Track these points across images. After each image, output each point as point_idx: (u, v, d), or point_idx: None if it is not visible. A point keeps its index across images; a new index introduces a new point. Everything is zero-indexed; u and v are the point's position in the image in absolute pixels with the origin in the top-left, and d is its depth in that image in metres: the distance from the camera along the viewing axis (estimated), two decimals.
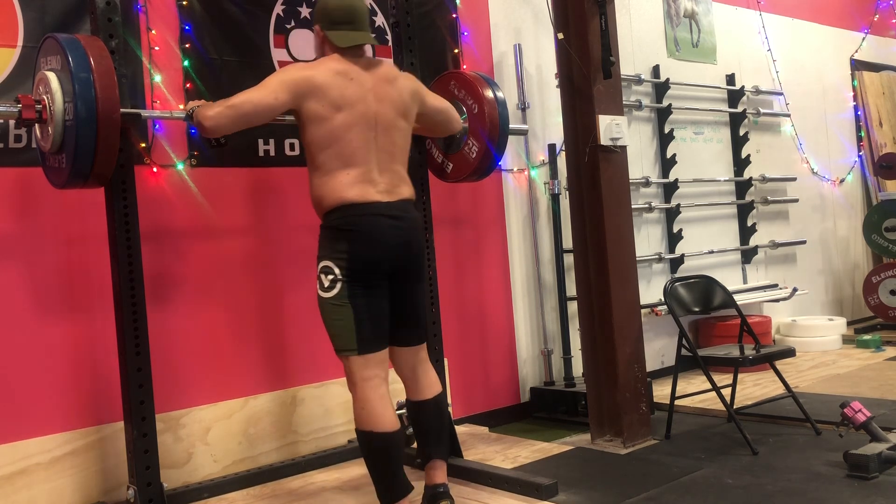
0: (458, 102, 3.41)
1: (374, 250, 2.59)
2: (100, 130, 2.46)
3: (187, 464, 3.33)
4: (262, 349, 3.61)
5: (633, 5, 5.24)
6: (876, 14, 7.30)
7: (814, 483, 2.99)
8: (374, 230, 2.59)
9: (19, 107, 2.55)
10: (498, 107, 3.37)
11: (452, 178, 3.55)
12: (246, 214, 3.62)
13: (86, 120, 2.44)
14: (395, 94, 2.75)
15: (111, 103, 2.49)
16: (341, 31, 2.72)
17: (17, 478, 2.96)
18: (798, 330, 5.82)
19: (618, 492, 3.05)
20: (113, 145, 2.53)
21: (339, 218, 2.60)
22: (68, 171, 2.53)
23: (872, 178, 6.97)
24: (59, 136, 2.52)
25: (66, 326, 3.13)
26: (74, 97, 2.44)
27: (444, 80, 3.54)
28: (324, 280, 2.60)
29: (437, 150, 3.56)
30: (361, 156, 2.62)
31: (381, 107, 2.69)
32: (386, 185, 2.66)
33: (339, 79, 2.62)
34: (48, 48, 2.61)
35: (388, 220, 2.62)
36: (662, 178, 5.29)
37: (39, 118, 2.56)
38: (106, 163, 2.54)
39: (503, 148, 3.46)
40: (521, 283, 4.55)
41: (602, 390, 3.73)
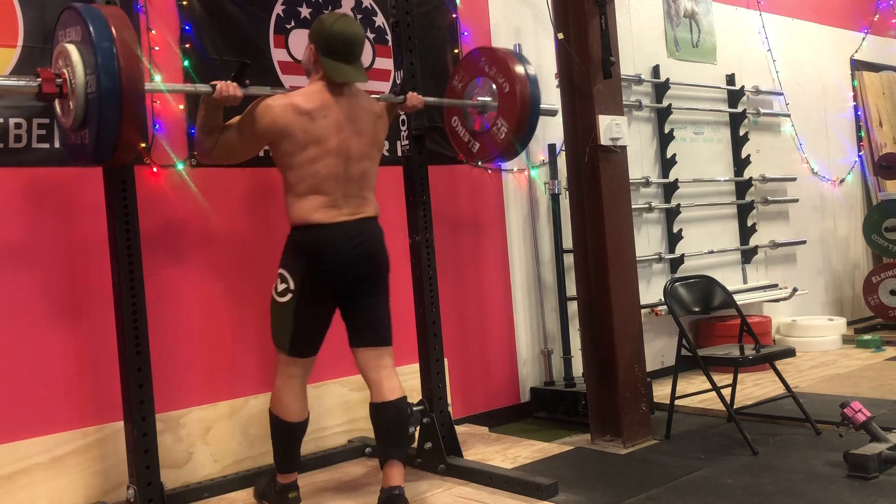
0: (487, 80, 3.33)
1: (330, 270, 2.82)
2: (124, 103, 2.35)
3: (187, 464, 3.33)
4: (263, 349, 3.60)
5: (633, 5, 5.24)
6: (876, 14, 7.30)
7: (814, 483, 2.99)
8: (332, 249, 2.80)
9: (39, 81, 2.41)
10: (530, 84, 3.30)
11: (478, 158, 3.52)
12: (246, 214, 3.62)
13: (109, 92, 2.32)
14: (370, 127, 2.94)
15: (136, 74, 2.38)
16: (336, 62, 2.83)
17: (18, 478, 2.96)
18: (798, 330, 5.83)
19: (618, 492, 3.05)
20: (138, 118, 2.44)
21: (302, 236, 2.83)
22: (92, 147, 2.41)
23: (872, 178, 6.97)
24: (81, 110, 2.40)
25: (67, 326, 3.13)
26: (97, 69, 2.33)
27: (472, 57, 3.51)
28: (279, 284, 2.87)
29: (463, 129, 3.53)
30: (329, 185, 2.81)
31: (355, 140, 2.87)
32: (350, 209, 2.85)
33: (306, 120, 2.76)
34: (67, 20, 2.50)
35: (347, 238, 2.82)
36: (662, 178, 5.29)
37: (60, 93, 2.43)
38: (131, 138, 2.44)
39: (534, 128, 3.42)
40: (521, 283, 4.55)
41: (602, 390, 3.73)
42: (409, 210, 3.51)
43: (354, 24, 2.91)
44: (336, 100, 2.84)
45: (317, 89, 2.85)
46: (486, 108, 3.52)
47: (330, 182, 2.81)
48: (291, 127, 2.75)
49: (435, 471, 3.35)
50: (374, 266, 2.92)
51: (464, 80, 3.62)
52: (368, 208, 2.92)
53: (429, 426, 3.40)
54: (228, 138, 2.83)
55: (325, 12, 3.85)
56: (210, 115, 2.79)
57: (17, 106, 3.04)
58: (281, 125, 2.75)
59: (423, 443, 3.40)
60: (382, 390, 2.91)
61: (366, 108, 2.96)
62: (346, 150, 2.84)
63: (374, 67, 4.01)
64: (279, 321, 2.87)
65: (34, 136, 3.08)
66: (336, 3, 3.91)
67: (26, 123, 3.06)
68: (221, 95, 2.72)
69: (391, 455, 2.90)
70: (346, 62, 2.85)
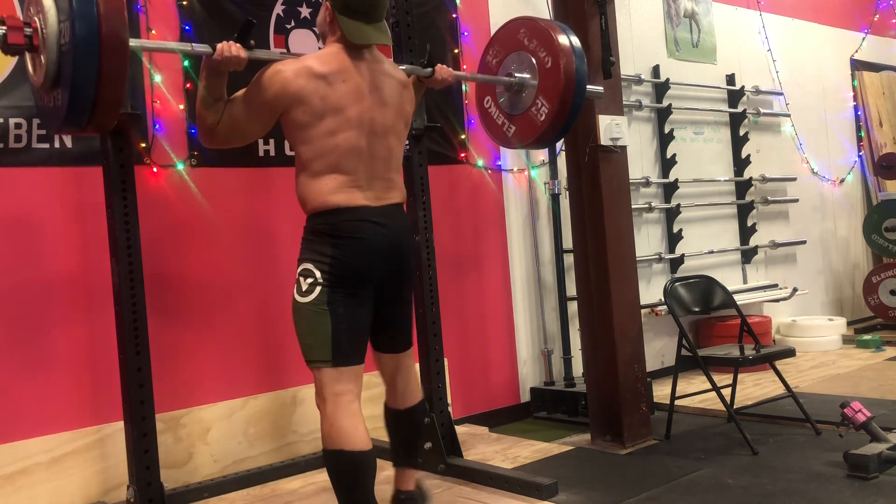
0: (527, 55, 3.02)
1: (359, 257, 2.40)
2: (103, 56, 1.97)
3: (187, 464, 3.33)
4: (263, 349, 3.61)
5: (633, 5, 5.24)
6: (876, 14, 7.30)
7: (814, 483, 2.99)
8: (359, 236, 2.40)
9: (3, 30, 2.05)
10: (576, 60, 2.94)
11: (515, 142, 3.17)
12: (246, 214, 3.62)
13: (85, 42, 1.96)
14: (395, 97, 2.53)
15: (117, 22, 2.00)
16: (356, 21, 2.42)
17: (18, 478, 2.96)
18: (798, 330, 5.82)
19: (618, 492, 3.05)
20: (120, 76, 2.04)
21: (322, 223, 2.41)
22: (66, 110, 2.05)
23: (872, 178, 6.97)
24: (53, 65, 2.05)
25: (67, 326, 3.13)
26: (71, 15, 1.96)
27: (511, 29, 3.18)
28: (302, 283, 2.41)
29: (497, 111, 3.19)
30: (351, 163, 2.41)
31: (379, 111, 2.47)
32: (375, 193, 2.46)
33: (323, 84, 2.37)
34: None
35: (374, 225, 2.42)
36: (662, 178, 5.29)
37: (30, 45, 2.07)
38: (112, 99, 2.05)
39: (578, 109, 3.04)
40: (521, 283, 4.55)
41: (602, 390, 3.73)
42: (409, 210, 3.50)
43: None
44: (356, 64, 2.43)
45: (333, 51, 2.44)
46: (524, 86, 3.13)
47: (351, 159, 2.40)
48: (305, 91, 2.35)
49: (435, 471, 3.35)
50: (403, 262, 2.54)
51: (499, 54, 3.25)
52: (395, 193, 2.53)
53: (429, 426, 3.40)
54: (234, 112, 2.42)
55: None
56: (211, 83, 2.40)
57: (17, 106, 3.04)
58: (293, 90, 2.34)
59: (423, 443, 3.40)
60: (399, 397, 2.69)
61: (390, 74, 2.55)
62: (370, 122, 2.44)
63: None
64: (310, 326, 2.38)
65: (34, 136, 3.08)
66: None
67: (26, 123, 3.06)
68: (223, 56, 2.35)
69: (405, 465, 2.74)
70: (367, 21, 2.43)
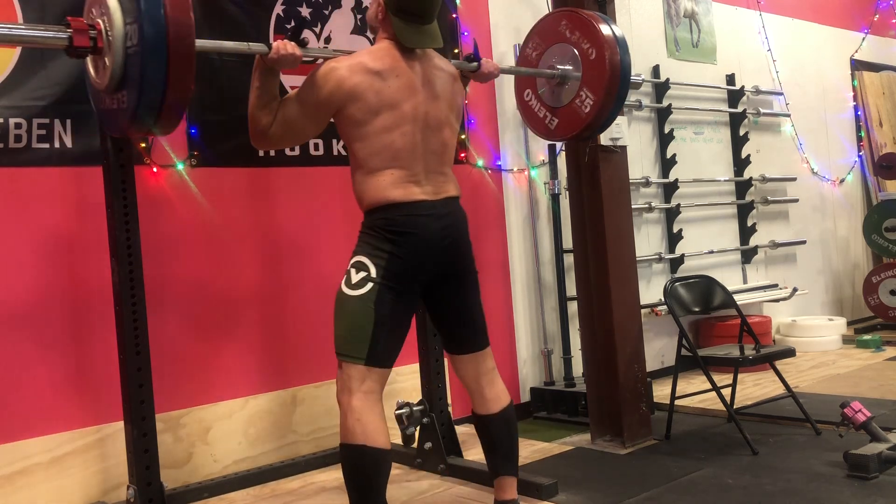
0: (569, 47, 3.02)
1: (419, 253, 2.40)
2: (171, 59, 1.97)
3: (187, 464, 3.33)
4: (263, 349, 3.61)
5: (633, 5, 5.24)
6: (876, 14, 7.30)
7: (814, 483, 2.99)
8: (419, 231, 2.40)
9: (69, 33, 2.05)
10: (619, 51, 2.93)
11: (558, 135, 3.15)
12: (246, 215, 3.61)
13: (154, 45, 1.95)
14: (447, 90, 2.55)
15: (186, 24, 1.99)
16: (409, 24, 2.43)
17: (18, 478, 2.96)
18: (798, 330, 5.82)
19: (618, 492, 3.05)
20: (188, 80, 2.04)
21: (381, 218, 2.40)
22: (132, 113, 2.05)
23: (872, 178, 6.97)
24: (119, 68, 2.04)
25: (67, 326, 3.13)
26: (139, 18, 1.95)
27: (551, 21, 3.18)
28: (353, 275, 2.38)
29: (539, 104, 3.18)
30: (406, 157, 2.42)
31: (433, 105, 2.49)
32: (433, 187, 2.47)
33: (378, 80, 2.38)
34: None
35: (433, 220, 2.43)
36: (662, 178, 5.29)
37: (94, 47, 2.07)
38: (178, 102, 2.05)
39: (623, 100, 3.04)
40: (521, 283, 4.55)
41: (602, 390, 3.73)
42: None
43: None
44: (407, 60, 2.45)
45: (384, 48, 2.46)
46: (567, 78, 3.12)
47: (407, 154, 2.41)
48: (360, 88, 2.35)
49: (435, 471, 3.35)
50: (462, 256, 2.55)
51: (539, 47, 3.22)
52: (451, 186, 2.55)
53: (429, 426, 3.41)
54: (288, 112, 2.43)
55: (325, 12, 3.87)
56: (265, 82, 2.42)
57: (17, 106, 3.04)
58: (348, 87, 2.35)
59: (423, 443, 3.41)
60: (486, 401, 2.63)
61: (441, 68, 2.57)
62: (424, 116, 2.45)
63: None
64: (353, 320, 2.36)
65: (34, 136, 3.08)
66: (336, 2, 3.90)
67: (26, 123, 3.06)
68: (279, 55, 2.36)
69: (503, 472, 2.64)
70: (420, 23, 2.44)
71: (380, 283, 2.35)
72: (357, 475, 2.34)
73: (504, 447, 2.65)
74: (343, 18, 3.93)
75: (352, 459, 2.35)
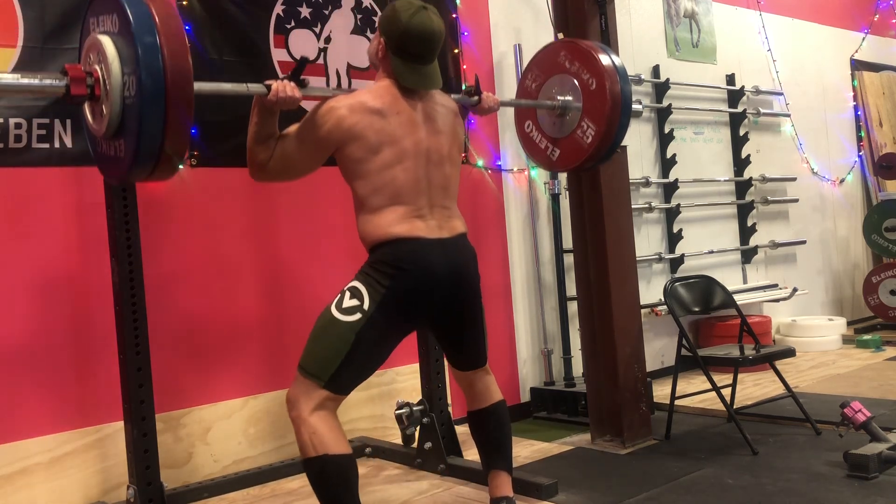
0: (569, 77, 3.03)
1: (420, 291, 2.38)
2: (170, 110, 1.94)
3: (187, 464, 3.33)
4: (263, 349, 3.61)
5: (633, 5, 5.24)
6: (876, 14, 7.30)
7: (814, 483, 2.99)
8: (423, 268, 2.37)
9: (66, 81, 2.02)
10: (620, 81, 2.94)
11: (560, 166, 3.17)
12: (246, 215, 3.62)
13: (152, 96, 1.92)
14: (449, 125, 2.55)
15: (184, 75, 1.97)
16: (410, 64, 2.43)
17: (17, 478, 2.96)
18: (798, 330, 5.82)
19: (618, 492, 3.05)
20: (185, 128, 2.02)
21: (385, 252, 2.37)
22: (129, 161, 2.03)
23: (872, 178, 6.97)
24: (116, 116, 2.01)
25: (67, 326, 3.13)
26: (137, 68, 1.93)
27: (550, 52, 3.18)
28: (345, 300, 2.34)
29: (540, 135, 3.17)
30: (409, 193, 2.40)
31: (434, 140, 2.48)
32: (437, 222, 2.45)
33: (378, 118, 2.38)
34: (100, 5, 2.10)
35: (439, 256, 2.41)
36: (662, 178, 5.29)
37: (91, 94, 2.04)
38: (176, 151, 2.03)
39: (625, 129, 3.03)
40: (521, 283, 4.55)
41: (602, 390, 3.73)
42: None
43: (435, 19, 2.44)
44: (407, 97, 2.45)
45: (385, 86, 2.46)
46: (567, 109, 3.11)
47: (410, 189, 2.40)
48: (360, 126, 2.35)
49: (435, 471, 3.35)
50: (470, 292, 2.55)
51: (539, 78, 3.23)
52: (457, 222, 2.53)
53: (429, 426, 3.41)
54: (286, 149, 2.43)
55: (325, 12, 3.87)
56: (264, 121, 2.41)
57: (17, 106, 3.04)
58: (347, 125, 2.35)
59: (423, 443, 3.41)
60: (479, 399, 2.70)
61: (442, 104, 2.57)
62: (426, 151, 2.45)
63: None
64: (329, 343, 2.32)
65: (34, 136, 3.08)
66: (337, 2, 3.90)
67: (26, 123, 3.06)
68: (278, 97, 2.34)
69: (495, 466, 2.67)
70: (421, 63, 2.44)
71: (369, 316, 2.32)
72: (324, 485, 2.32)
73: (495, 440, 2.68)
74: (343, 19, 3.93)
75: (315, 472, 2.31)
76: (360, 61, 3.98)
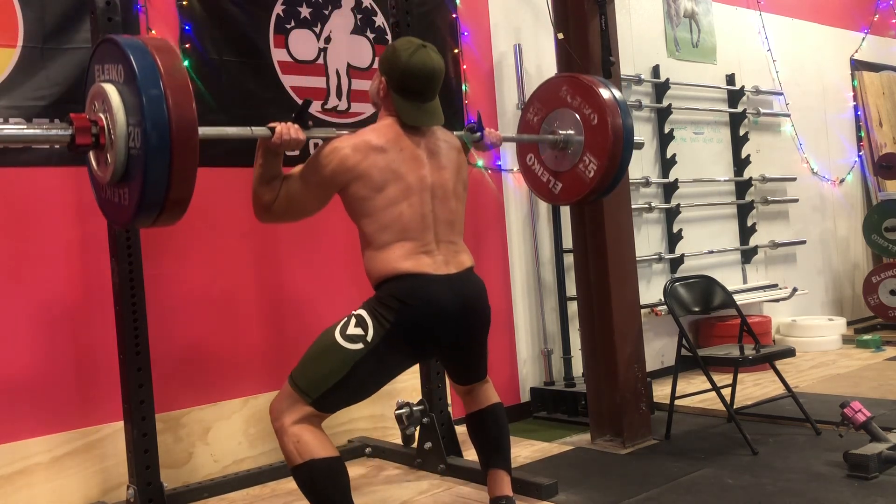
0: (571, 112, 3.06)
1: (425, 327, 2.38)
2: (174, 162, 1.94)
3: (187, 464, 3.33)
4: (263, 349, 3.61)
5: (633, 5, 5.24)
6: (876, 14, 7.30)
7: (814, 483, 2.99)
8: (429, 304, 2.36)
9: (71, 131, 2.02)
10: (621, 115, 2.96)
11: (563, 200, 3.20)
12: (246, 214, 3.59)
13: (158, 150, 1.91)
14: (452, 161, 2.56)
15: (189, 127, 1.96)
16: (411, 102, 2.46)
17: (17, 478, 2.96)
18: (798, 330, 5.82)
19: (618, 492, 3.05)
20: (190, 176, 2.01)
21: (391, 287, 2.37)
22: (133, 208, 2.01)
23: (872, 178, 6.97)
24: (121, 166, 2.00)
25: (67, 326, 3.13)
26: (143, 121, 1.91)
27: (551, 86, 3.22)
28: (350, 326, 2.34)
29: (542, 168, 3.20)
30: (416, 228, 2.40)
31: (438, 175, 2.49)
32: (444, 258, 2.46)
33: (381, 155, 2.39)
34: (105, 54, 2.07)
35: (447, 293, 2.40)
36: (662, 178, 5.29)
37: (96, 143, 2.04)
38: (180, 199, 2.03)
39: (627, 162, 3.06)
40: (521, 283, 4.55)
41: (602, 390, 3.73)
42: None
43: (435, 57, 2.48)
44: (410, 134, 2.47)
45: (388, 124, 2.48)
46: (569, 143, 3.13)
47: (417, 225, 2.40)
48: (364, 165, 2.36)
49: (435, 471, 3.35)
50: (478, 326, 2.56)
51: (540, 112, 3.25)
52: (464, 257, 2.53)
53: (429, 426, 3.41)
54: (291, 190, 2.44)
55: (325, 12, 3.87)
56: (268, 162, 2.43)
57: (17, 106, 3.04)
58: (351, 164, 2.35)
59: (423, 443, 3.41)
60: (480, 398, 2.72)
61: (444, 140, 2.59)
62: (430, 186, 2.46)
63: (374, 68, 4.01)
64: (325, 365, 2.32)
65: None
66: (337, 2, 3.91)
67: (26, 123, 3.06)
68: (282, 140, 2.35)
69: (493, 465, 2.67)
70: (422, 101, 2.47)
71: (371, 349, 2.32)
72: (316, 491, 2.32)
73: (493, 440, 2.70)
74: (343, 19, 3.94)
75: (304, 479, 2.32)
76: (360, 61, 3.98)
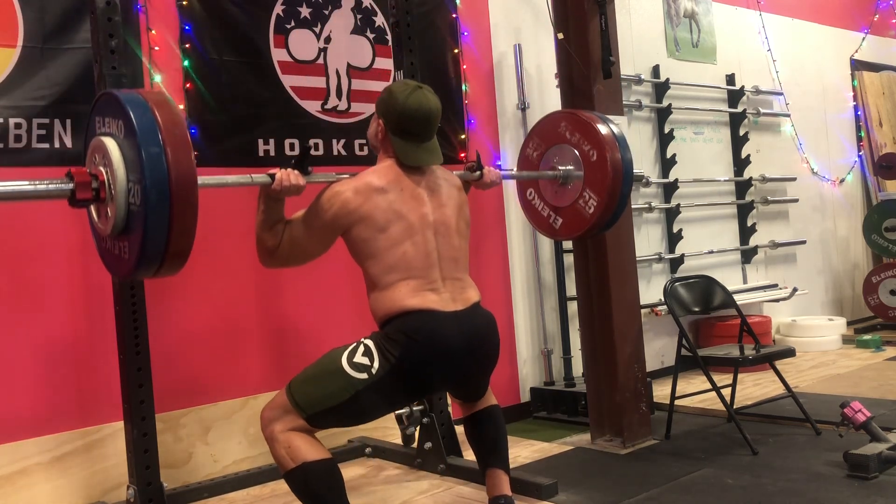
0: (570, 148, 3.08)
1: (430, 364, 2.37)
2: (174, 217, 1.94)
3: (187, 464, 3.33)
4: (263, 349, 3.61)
5: (633, 5, 5.24)
6: (876, 14, 7.30)
7: (814, 483, 2.99)
8: (434, 340, 2.35)
9: (72, 186, 2.01)
10: (620, 150, 2.98)
11: (563, 235, 3.23)
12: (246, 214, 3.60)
13: (157, 205, 1.91)
14: (453, 199, 2.59)
15: (189, 183, 1.96)
16: (409, 143, 2.48)
17: (17, 478, 2.96)
18: (798, 330, 5.82)
19: (618, 492, 3.05)
20: (190, 229, 2.01)
21: (397, 324, 2.36)
22: (134, 261, 2.02)
23: (872, 178, 6.97)
24: (121, 220, 2.01)
25: (67, 326, 3.13)
26: (142, 178, 1.91)
27: (550, 122, 3.23)
28: (357, 355, 2.34)
29: (542, 203, 3.23)
30: (420, 266, 2.41)
31: (440, 213, 2.51)
32: (451, 294, 2.45)
33: (383, 196, 2.40)
34: (105, 106, 2.08)
35: (454, 329, 2.39)
36: (662, 178, 5.29)
37: (97, 197, 2.03)
38: (180, 252, 2.03)
39: (627, 197, 3.07)
40: (521, 283, 4.55)
41: (602, 390, 3.73)
42: None
43: (431, 97, 2.50)
44: (411, 174, 2.49)
45: (388, 165, 2.50)
46: (569, 179, 3.14)
47: (422, 263, 2.41)
48: (365, 208, 2.37)
49: (435, 471, 3.35)
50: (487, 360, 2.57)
51: (539, 147, 3.27)
52: (471, 292, 2.53)
53: (429, 426, 3.40)
54: (294, 234, 2.46)
55: (325, 12, 3.87)
56: (270, 208, 2.45)
57: (17, 106, 3.05)
58: (353, 207, 2.37)
59: (423, 443, 3.40)
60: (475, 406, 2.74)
61: (444, 178, 2.61)
62: (433, 224, 2.48)
63: (373, 67, 4.01)
64: (327, 388, 2.33)
65: (34, 136, 3.08)
66: (337, 2, 3.91)
67: (26, 123, 3.06)
68: (282, 186, 2.37)
69: (491, 465, 2.68)
70: (420, 142, 2.49)
71: (375, 381, 2.31)
72: (311, 494, 2.32)
73: (491, 440, 2.71)
74: (343, 19, 3.94)
75: (298, 483, 2.32)
76: (360, 61, 3.98)
